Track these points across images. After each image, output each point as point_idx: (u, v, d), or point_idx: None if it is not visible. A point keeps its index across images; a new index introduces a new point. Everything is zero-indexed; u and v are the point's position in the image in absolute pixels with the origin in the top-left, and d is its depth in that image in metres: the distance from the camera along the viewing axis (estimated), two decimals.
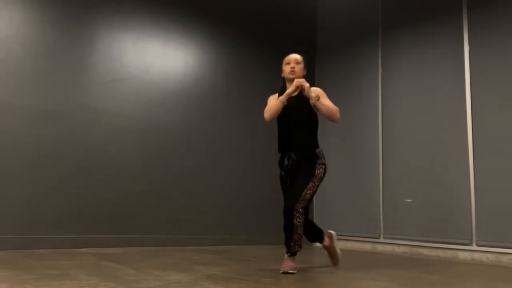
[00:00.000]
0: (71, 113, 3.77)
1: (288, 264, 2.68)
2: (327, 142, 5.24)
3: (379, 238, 4.50)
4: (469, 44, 4.05)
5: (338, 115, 2.87)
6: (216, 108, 4.71)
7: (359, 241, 4.70)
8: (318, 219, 5.20)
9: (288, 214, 2.75)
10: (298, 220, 2.75)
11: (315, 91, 2.85)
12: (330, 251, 3.17)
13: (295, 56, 2.99)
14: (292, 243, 2.74)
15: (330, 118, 2.87)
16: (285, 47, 5.53)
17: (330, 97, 2.97)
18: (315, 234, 3.10)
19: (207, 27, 4.75)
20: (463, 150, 3.94)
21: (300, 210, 2.74)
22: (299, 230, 2.75)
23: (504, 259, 3.58)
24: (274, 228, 4.97)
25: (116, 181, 3.93)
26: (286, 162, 2.87)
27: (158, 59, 4.36)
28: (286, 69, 2.96)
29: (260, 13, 5.24)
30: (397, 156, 4.48)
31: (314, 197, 5.21)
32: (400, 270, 3.00)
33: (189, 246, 4.19)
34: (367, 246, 4.62)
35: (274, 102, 2.91)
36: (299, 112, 2.87)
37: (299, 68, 2.94)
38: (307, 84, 2.79)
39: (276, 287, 2.15)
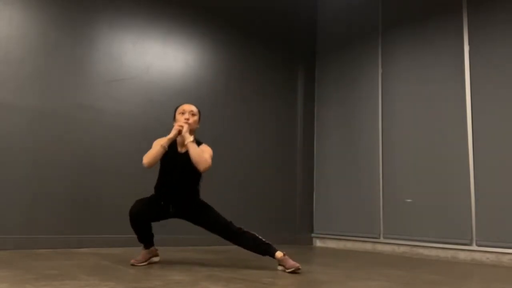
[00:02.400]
0: (71, 113, 3.77)
1: (293, 262, 2.67)
2: (327, 142, 5.25)
3: (379, 238, 4.50)
4: (469, 44, 4.05)
5: (205, 165, 2.72)
6: (216, 108, 4.70)
7: (359, 241, 4.69)
8: (318, 219, 5.20)
9: (237, 237, 2.83)
10: (244, 230, 2.83)
11: (203, 147, 2.82)
12: None
13: (191, 107, 2.87)
14: (266, 243, 2.78)
15: (196, 163, 2.71)
16: (285, 47, 5.56)
17: (330, 97, 2.97)
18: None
19: (207, 27, 4.75)
20: (463, 150, 3.94)
21: (237, 227, 2.84)
22: (252, 233, 2.82)
23: (504, 259, 3.58)
24: (274, 229, 4.98)
25: (116, 181, 3.93)
26: (164, 206, 2.89)
27: (158, 59, 4.36)
28: (180, 119, 2.82)
29: (260, 13, 5.24)
30: (397, 156, 4.48)
31: (314, 197, 5.27)
32: (400, 270, 3.00)
33: (189, 246, 4.18)
34: (367, 246, 4.62)
35: (155, 148, 2.77)
36: (184, 164, 2.77)
37: (194, 120, 2.84)
38: (186, 126, 2.75)
39: (276, 287, 2.15)
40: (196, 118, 2.87)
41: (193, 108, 2.88)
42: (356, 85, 5.03)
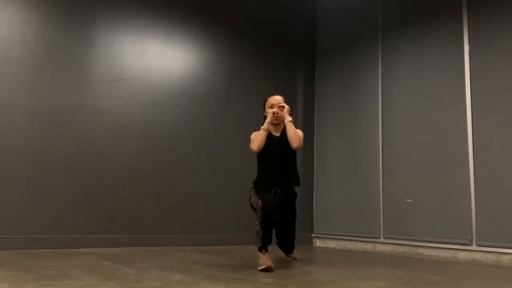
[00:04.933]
0: (71, 113, 3.77)
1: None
2: (327, 143, 5.25)
3: (379, 238, 4.50)
4: (469, 44, 4.05)
5: (298, 143, 3.03)
6: (216, 108, 4.71)
7: (359, 241, 4.70)
8: (318, 219, 5.20)
9: (292, 234, 3.25)
10: (294, 225, 3.27)
11: (296, 130, 3.13)
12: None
13: (279, 100, 3.13)
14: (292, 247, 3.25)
15: (292, 140, 3.02)
16: (285, 47, 5.57)
17: (330, 97, 2.99)
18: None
19: (207, 27, 4.75)
20: (463, 150, 3.94)
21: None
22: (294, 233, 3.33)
23: (504, 259, 3.58)
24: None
25: (116, 181, 3.93)
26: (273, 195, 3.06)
27: (158, 59, 4.36)
28: (270, 113, 3.11)
29: (260, 13, 5.24)
30: (397, 156, 4.48)
31: (314, 197, 5.27)
32: (400, 270, 3.00)
33: (189, 246, 4.19)
34: (367, 246, 4.62)
35: (258, 133, 3.05)
36: (284, 149, 3.05)
37: (287, 109, 3.11)
38: (287, 107, 3.10)
39: (276, 287, 2.15)
40: (285, 108, 3.11)
41: (281, 101, 3.13)
42: (356, 85, 5.03)
